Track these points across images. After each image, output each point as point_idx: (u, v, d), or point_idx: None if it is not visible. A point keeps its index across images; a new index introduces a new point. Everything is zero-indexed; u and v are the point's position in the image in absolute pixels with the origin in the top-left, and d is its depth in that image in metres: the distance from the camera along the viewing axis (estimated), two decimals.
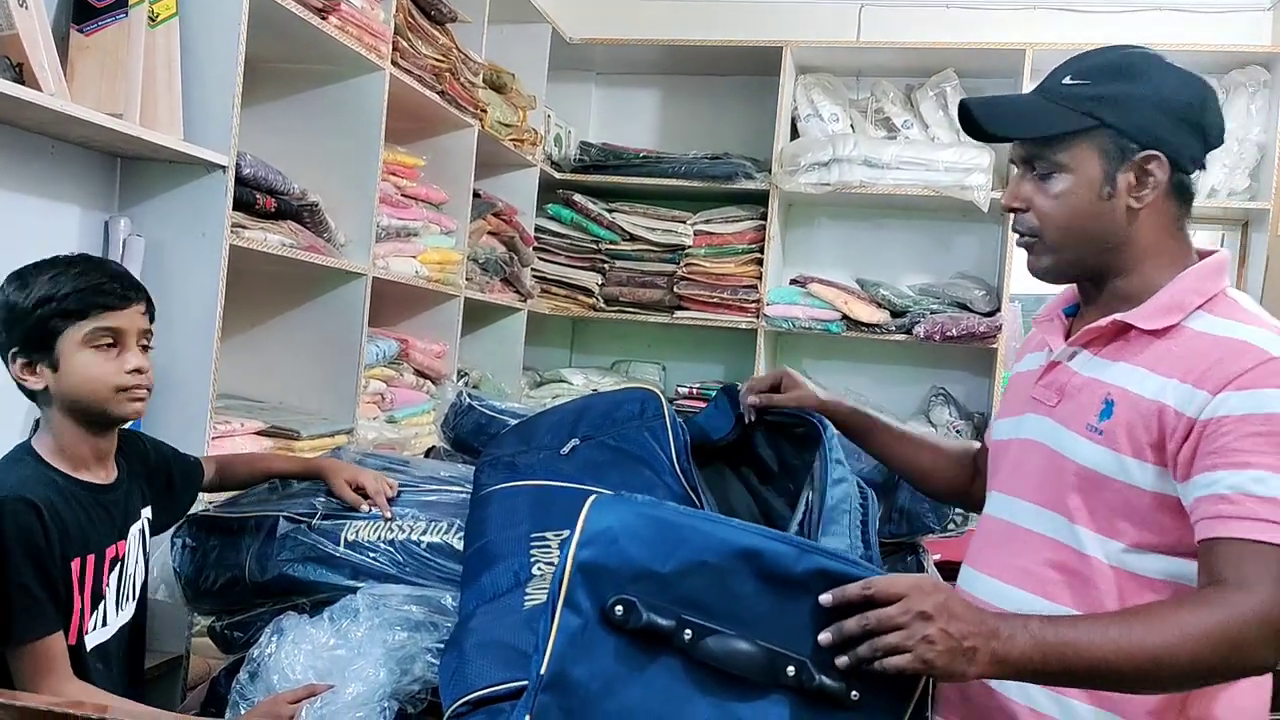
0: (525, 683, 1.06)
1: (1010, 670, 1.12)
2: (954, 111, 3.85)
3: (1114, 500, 1.26)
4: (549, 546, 1.38)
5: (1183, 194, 1.32)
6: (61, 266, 1.44)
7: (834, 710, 1.06)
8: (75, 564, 1.43)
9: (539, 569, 1.34)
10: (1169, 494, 1.23)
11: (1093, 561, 1.27)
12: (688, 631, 1.02)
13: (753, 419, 1.64)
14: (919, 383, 4.06)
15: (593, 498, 1.05)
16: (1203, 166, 1.33)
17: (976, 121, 1.35)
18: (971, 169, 3.66)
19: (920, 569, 1.77)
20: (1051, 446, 1.32)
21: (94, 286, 1.43)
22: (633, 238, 4.11)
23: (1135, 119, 1.28)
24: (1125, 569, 1.26)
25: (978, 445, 1.63)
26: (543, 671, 1.03)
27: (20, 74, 1.76)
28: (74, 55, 1.97)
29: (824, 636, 1.07)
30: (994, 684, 1.30)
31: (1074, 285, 1.44)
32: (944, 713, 1.37)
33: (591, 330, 4.46)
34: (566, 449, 1.57)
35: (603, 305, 4.10)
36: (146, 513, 1.60)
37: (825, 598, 1.06)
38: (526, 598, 1.27)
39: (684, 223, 4.05)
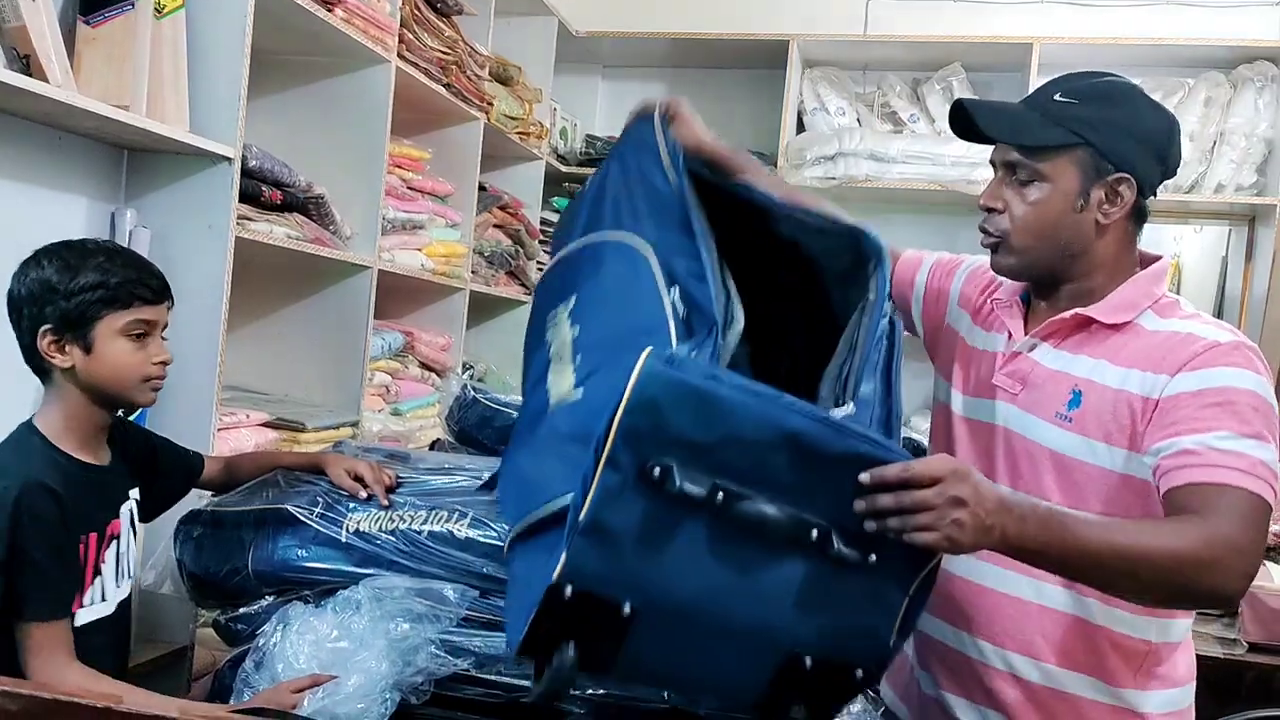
0: (540, 514, 1.12)
1: (1014, 545, 1.19)
2: None
3: (1084, 481, 1.38)
4: (557, 321, 1.41)
5: (1140, 215, 1.44)
6: (107, 255, 1.50)
7: (850, 572, 1.11)
8: (82, 543, 1.47)
9: (552, 351, 1.38)
10: (1136, 475, 1.35)
11: None
12: (720, 494, 1.06)
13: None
14: (924, 377, 4.04)
15: (644, 358, 1.05)
16: (1155, 194, 1.45)
17: (975, 122, 1.44)
18: (978, 163, 3.65)
19: None
20: (1021, 433, 1.44)
21: (140, 280, 1.51)
22: None
23: (1114, 143, 1.39)
24: None
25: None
26: (581, 518, 1.06)
27: (28, 65, 1.77)
28: (81, 47, 1.98)
29: (858, 505, 1.11)
30: (967, 650, 1.46)
31: None
32: (929, 668, 1.54)
33: None
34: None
35: None
36: (134, 494, 1.63)
37: (864, 476, 1.10)
38: (548, 396, 1.29)
39: None
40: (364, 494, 1.63)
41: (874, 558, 1.10)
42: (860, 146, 3.76)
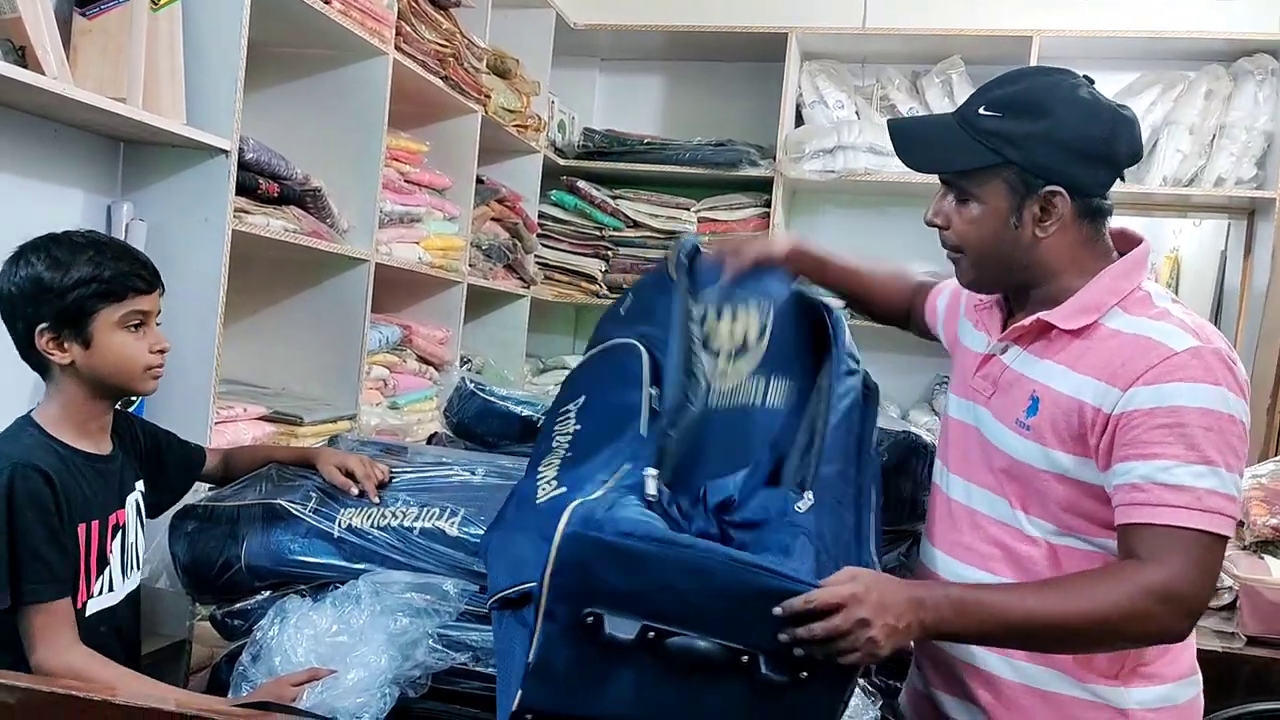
0: (526, 586, 1.19)
1: (934, 634, 1.26)
2: (960, 99, 3.85)
3: (1043, 489, 1.38)
4: (568, 417, 1.48)
5: (1094, 214, 1.39)
6: (96, 248, 1.50)
7: (785, 689, 1.17)
8: (81, 529, 1.47)
9: (555, 441, 1.44)
10: (1092, 483, 1.35)
11: (1036, 539, 1.40)
12: (650, 634, 1.14)
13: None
14: (923, 371, 4.05)
15: (565, 519, 1.14)
16: (1122, 178, 1.40)
17: (902, 149, 1.44)
18: None
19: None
20: (987, 437, 1.44)
21: (132, 271, 1.51)
22: (636, 224, 4.10)
23: (1038, 157, 1.34)
24: (1061, 544, 1.39)
25: (919, 280, 1.78)
26: (530, 660, 1.16)
27: (23, 57, 1.76)
28: (77, 39, 1.97)
29: (782, 637, 1.16)
30: (951, 649, 1.47)
31: None
32: (921, 667, 1.56)
33: (594, 317, 4.41)
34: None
35: (606, 292, 4.10)
36: (140, 486, 1.64)
37: (777, 610, 1.15)
38: (538, 476, 1.36)
39: (688, 210, 4.04)
40: (355, 490, 1.63)
41: (804, 674, 1.16)
42: (859, 140, 3.76)
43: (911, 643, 1.30)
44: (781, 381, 1.53)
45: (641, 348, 1.47)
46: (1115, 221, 1.45)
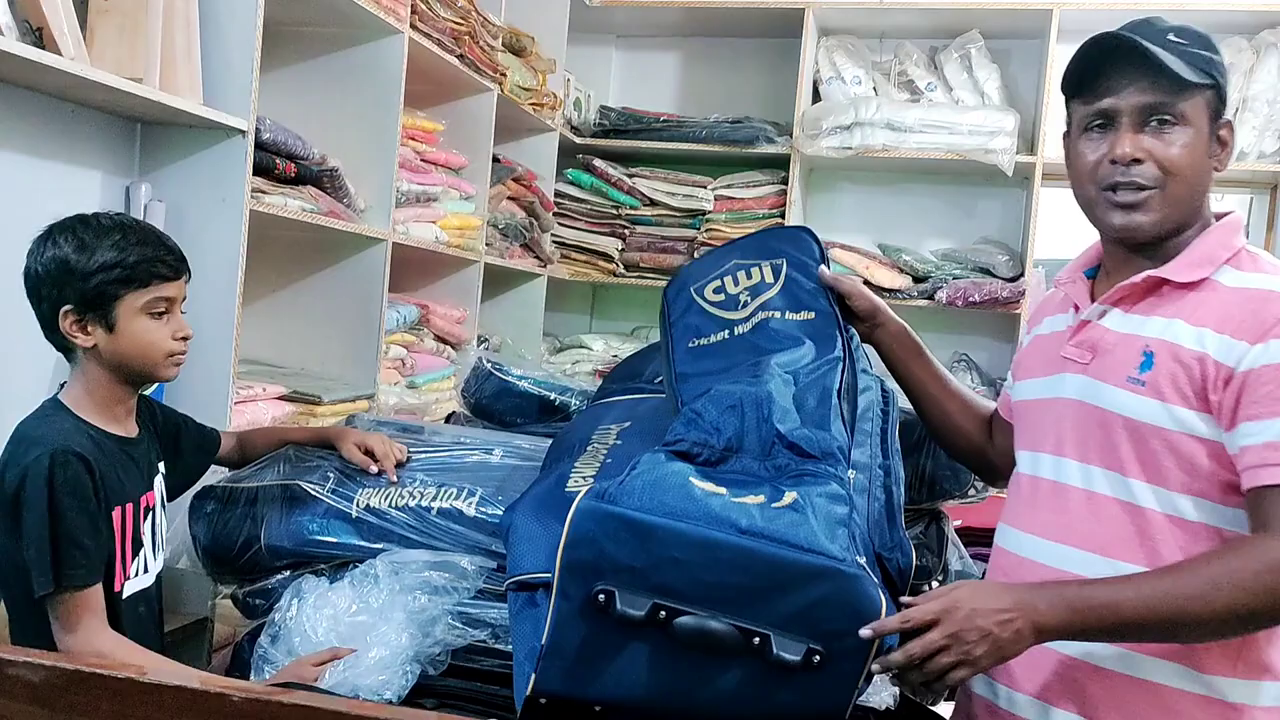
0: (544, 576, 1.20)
1: (1052, 636, 1.19)
2: (979, 74, 3.81)
3: (1161, 448, 1.29)
4: (609, 431, 1.50)
5: None
6: (122, 232, 1.49)
7: (798, 670, 1.15)
8: (116, 513, 1.48)
9: (591, 447, 1.45)
10: (1213, 440, 1.26)
11: (1146, 513, 1.30)
12: (662, 613, 1.13)
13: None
14: (941, 349, 4.00)
15: (576, 503, 1.15)
16: None
17: (1138, 48, 1.31)
18: (996, 132, 3.61)
19: (941, 536, 1.77)
20: (1093, 403, 1.35)
21: (157, 257, 1.51)
22: (653, 203, 4.08)
23: (1225, 87, 1.34)
24: (1180, 516, 1.29)
25: (993, 407, 1.64)
26: (543, 642, 1.16)
27: (40, 38, 1.76)
28: (93, 19, 1.97)
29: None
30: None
31: (1098, 246, 1.47)
32: (999, 676, 1.41)
33: (611, 296, 4.46)
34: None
35: (623, 271, 4.09)
36: (162, 468, 1.65)
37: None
38: (572, 470, 1.38)
39: (704, 188, 4.02)
40: (375, 469, 1.64)
41: (818, 657, 1.14)
42: (876, 116, 3.72)
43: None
44: (802, 312, 1.52)
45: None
46: None
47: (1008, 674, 1.38)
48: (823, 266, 1.58)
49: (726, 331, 1.52)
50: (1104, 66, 1.34)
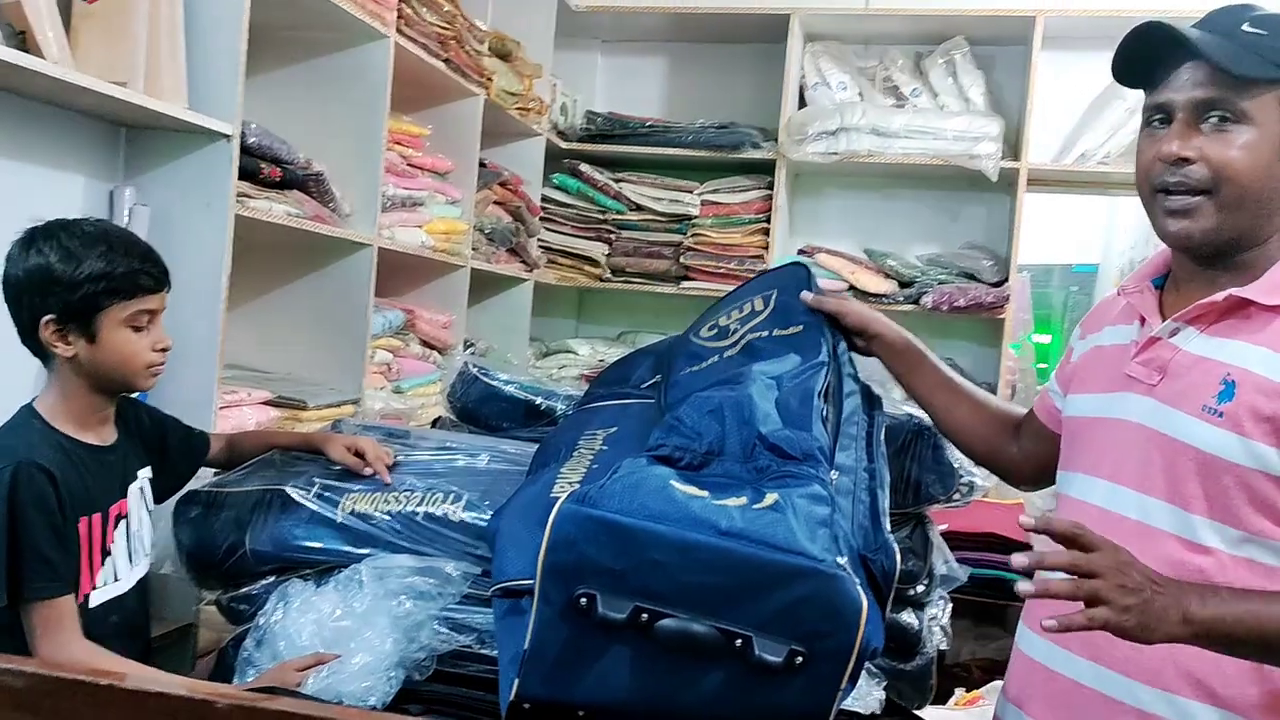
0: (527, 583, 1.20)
1: (1199, 630, 1.11)
2: (964, 79, 3.83)
3: (1235, 486, 1.20)
4: (595, 436, 1.50)
5: None
6: (108, 242, 1.49)
7: (780, 672, 1.14)
8: (83, 523, 1.48)
9: (578, 452, 1.46)
10: None
11: (1212, 551, 1.22)
12: (643, 616, 1.13)
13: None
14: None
15: (557, 507, 1.14)
16: None
17: (1186, 44, 1.23)
18: (980, 138, 3.63)
19: (926, 540, 1.77)
20: (1160, 430, 1.25)
21: (143, 269, 1.51)
22: (639, 208, 4.09)
23: None
24: (1244, 557, 1.21)
25: (1023, 411, 1.59)
26: (525, 647, 1.16)
27: (23, 42, 1.76)
28: (77, 23, 1.96)
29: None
30: (1097, 685, 1.28)
31: (1167, 253, 1.37)
32: (1032, 711, 1.35)
33: (598, 300, 4.46)
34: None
35: (609, 275, 4.09)
36: (144, 473, 1.64)
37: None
38: (559, 476, 1.38)
39: (690, 193, 4.03)
40: (366, 470, 1.63)
41: (800, 659, 1.13)
42: (862, 121, 3.74)
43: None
44: (790, 328, 1.54)
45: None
46: None
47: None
48: (805, 292, 1.58)
49: (716, 356, 1.54)
50: (1162, 56, 1.26)
